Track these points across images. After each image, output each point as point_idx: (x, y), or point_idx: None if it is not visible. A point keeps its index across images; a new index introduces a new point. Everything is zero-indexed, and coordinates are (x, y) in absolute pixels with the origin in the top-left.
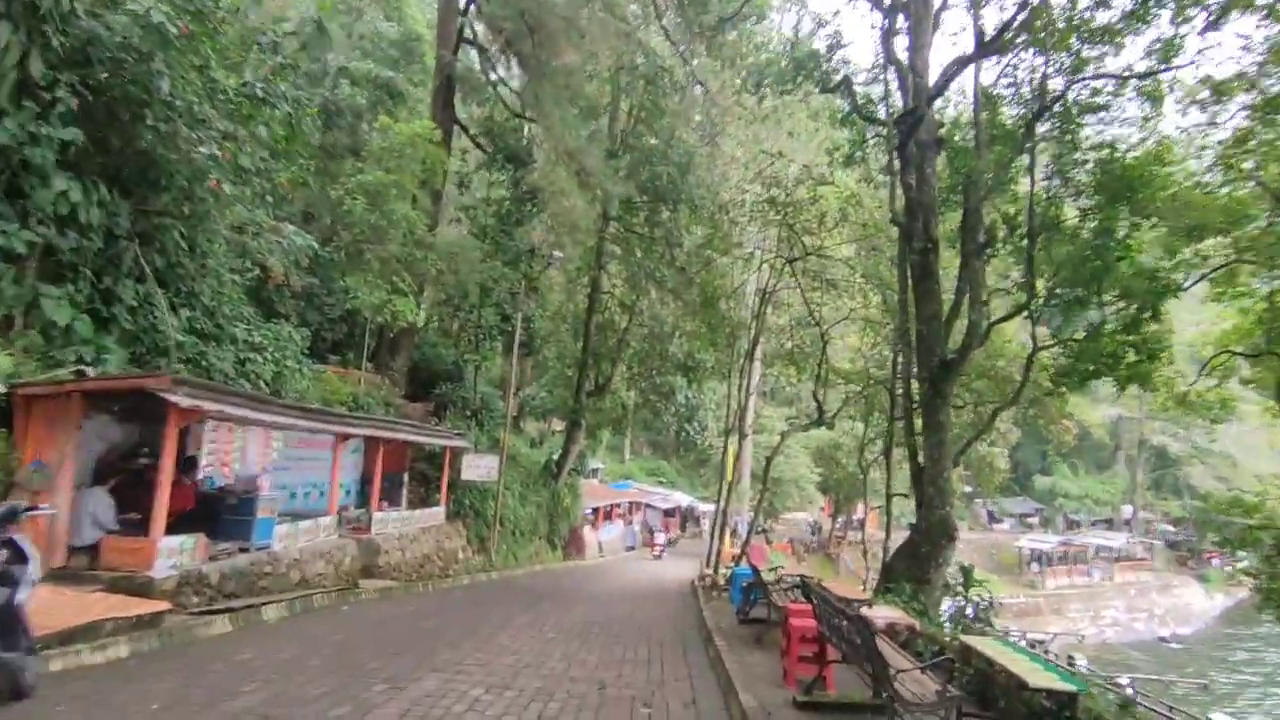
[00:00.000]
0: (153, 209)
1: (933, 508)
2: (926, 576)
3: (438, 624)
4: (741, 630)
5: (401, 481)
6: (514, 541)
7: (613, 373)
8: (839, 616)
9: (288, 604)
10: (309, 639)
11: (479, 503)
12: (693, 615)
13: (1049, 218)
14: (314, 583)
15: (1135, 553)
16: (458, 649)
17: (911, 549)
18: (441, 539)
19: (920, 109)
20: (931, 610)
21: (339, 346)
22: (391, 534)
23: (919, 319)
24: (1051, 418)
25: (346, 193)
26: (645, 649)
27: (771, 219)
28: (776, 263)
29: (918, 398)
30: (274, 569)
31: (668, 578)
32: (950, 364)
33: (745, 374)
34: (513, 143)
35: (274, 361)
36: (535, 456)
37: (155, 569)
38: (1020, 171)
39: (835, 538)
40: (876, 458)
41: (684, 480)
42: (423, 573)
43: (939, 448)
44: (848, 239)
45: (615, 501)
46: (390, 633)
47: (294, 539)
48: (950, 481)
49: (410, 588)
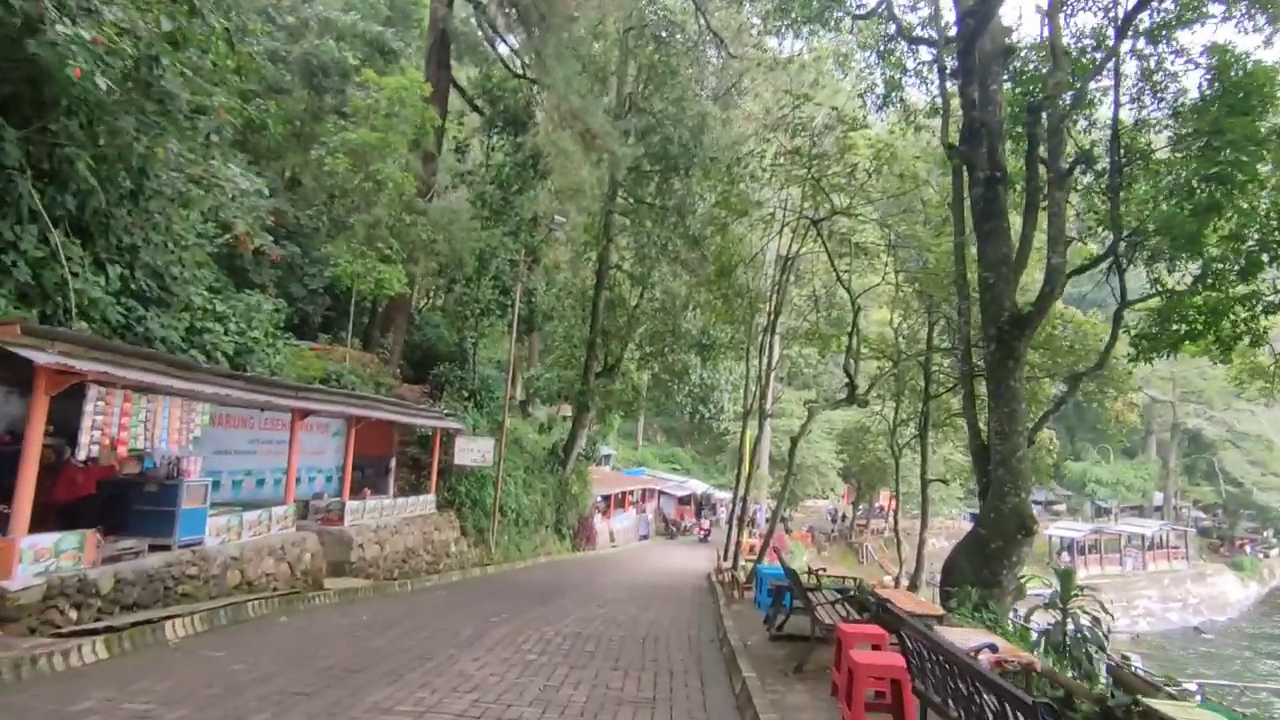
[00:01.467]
0: (58, 141)
1: (1003, 495)
2: (996, 579)
3: (390, 641)
4: (774, 650)
5: (388, 467)
6: (517, 532)
7: (623, 352)
8: (946, 664)
9: (206, 616)
10: (196, 672)
11: (477, 490)
12: (711, 622)
13: (1135, 148)
14: (260, 585)
15: (1168, 540)
16: (398, 682)
17: (977, 545)
18: (430, 530)
19: (987, 4)
20: (1001, 618)
21: (330, 324)
22: (368, 525)
23: (983, 265)
24: (1118, 386)
25: (329, 152)
26: (651, 679)
27: (795, 175)
28: (800, 225)
29: (982, 362)
30: (202, 571)
31: (682, 569)
32: (1024, 319)
33: (765, 350)
34: (512, 104)
35: (238, 334)
36: (542, 442)
37: (14, 577)
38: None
39: (858, 526)
40: (909, 441)
41: (699, 467)
42: (406, 569)
43: (1010, 420)
44: (881, 195)
45: (627, 489)
46: (318, 656)
47: (234, 533)
48: (1026, 462)
49: (384, 588)
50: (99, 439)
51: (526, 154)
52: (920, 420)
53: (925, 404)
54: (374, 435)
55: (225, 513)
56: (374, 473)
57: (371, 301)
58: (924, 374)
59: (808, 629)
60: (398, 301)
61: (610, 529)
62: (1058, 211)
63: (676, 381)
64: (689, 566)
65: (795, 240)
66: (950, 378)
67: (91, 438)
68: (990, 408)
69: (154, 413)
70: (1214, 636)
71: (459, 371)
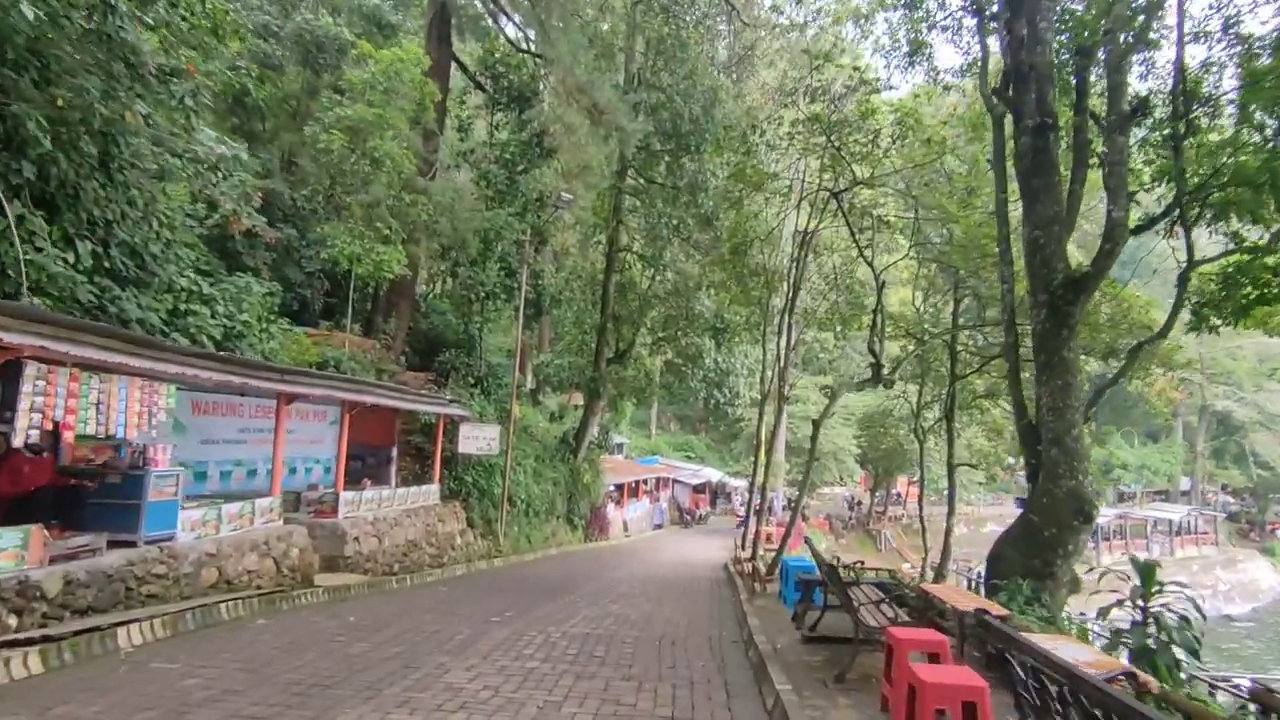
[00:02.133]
0: (6, 100)
1: (1057, 477)
2: (1050, 569)
3: (374, 646)
4: (809, 655)
5: (390, 457)
6: (527, 522)
7: (635, 338)
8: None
9: (170, 620)
10: (138, 689)
11: (485, 480)
12: (733, 619)
13: (1201, 94)
14: (241, 584)
15: (1196, 526)
16: (374, 700)
17: (1027, 533)
18: (434, 522)
19: None
20: (1055, 613)
21: (332, 311)
22: (365, 518)
23: (1031, 224)
24: (1166, 360)
25: (324, 129)
26: (669, 691)
27: (814, 144)
28: (819, 198)
29: (1031, 330)
30: (171, 569)
31: (697, 559)
32: (1080, 282)
33: (782, 330)
34: (516, 81)
35: (227, 318)
36: (553, 430)
37: None
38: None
39: (875, 513)
40: (933, 425)
41: (713, 455)
42: (407, 563)
43: (1064, 394)
44: (904, 165)
45: (641, 477)
46: (288, 667)
47: (211, 527)
48: (1081, 440)
49: (380, 585)
50: (39, 423)
51: (532, 131)
52: (946, 402)
53: (952, 385)
54: (375, 424)
55: (203, 505)
56: (375, 462)
57: (374, 287)
58: (950, 353)
59: (844, 629)
60: (400, 285)
61: (624, 518)
62: (1119, 160)
63: (690, 366)
64: (704, 556)
65: (814, 215)
66: (978, 356)
67: (30, 421)
68: (1040, 382)
69: (109, 394)
70: (1253, 624)
71: (465, 358)
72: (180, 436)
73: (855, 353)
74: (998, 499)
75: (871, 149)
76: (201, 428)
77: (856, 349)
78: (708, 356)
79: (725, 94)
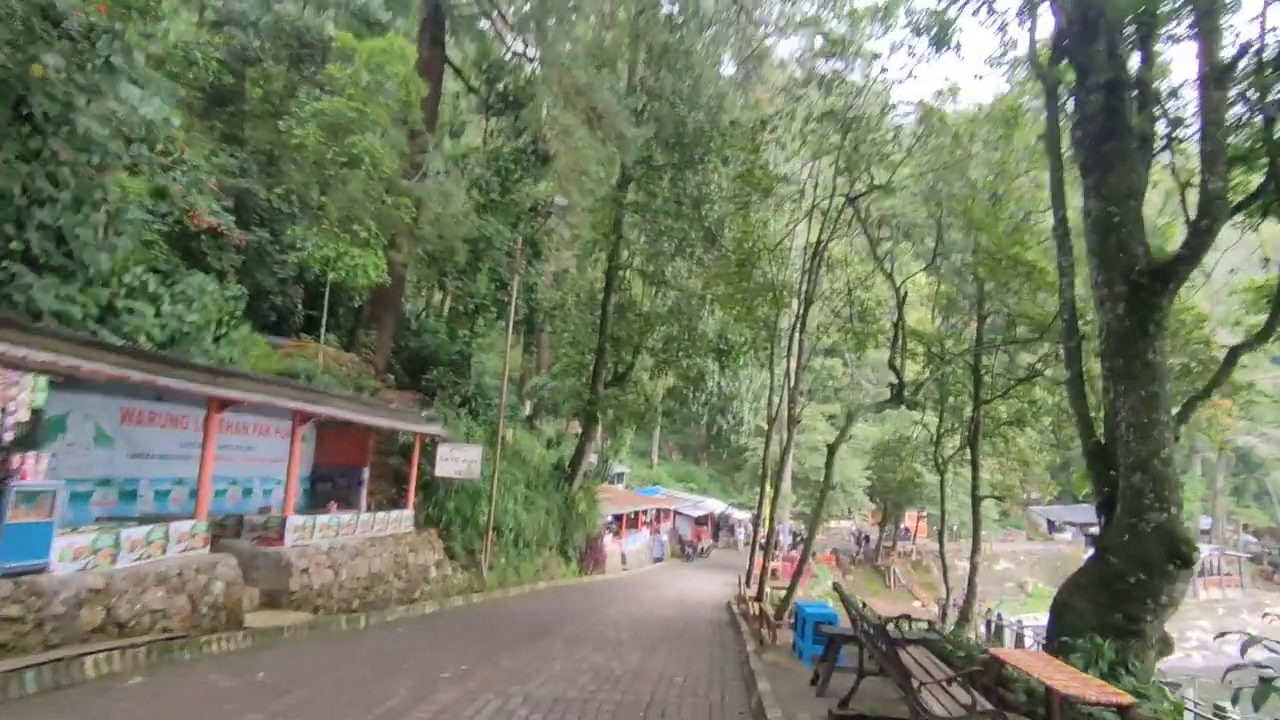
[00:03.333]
0: None
1: (1141, 510)
2: (1137, 626)
3: (268, 718)
4: None
5: (361, 479)
6: (515, 554)
7: (634, 360)
8: None
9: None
10: None
11: (468, 507)
12: (737, 678)
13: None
14: (138, 628)
15: (1220, 567)
16: None
17: (1104, 580)
18: (404, 552)
19: None
20: (1145, 684)
21: (314, 324)
22: (318, 546)
23: (1102, 197)
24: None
25: (298, 123)
26: None
27: (830, 143)
28: (834, 205)
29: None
30: (30, 610)
31: (698, 597)
32: (1167, 269)
33: (793, 350)
34: (511, 85)
35: (175, 318)
36: (548, 457)
37: None
38: None
39: (884, 548)
40: (953, 454)
41: (716, 486)
42: (370, 599)
43: (1150, 407)
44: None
45: (641, 508)
46: None
47: (103, 556)
48: (1173, 464)
49: (325, 626)
50: None
51: (527, 137)
52: (970, 429)
53: (976, 410)
54: (346, 442)
55: (95, 530)
56: (345, 484)
57: (358, 298)
58: (974, 374)
59: (886, 702)
60: (383, 295)
61: (622, 551)
62: (1215, 119)
63: (693, 389)
64: (706, 592)
65: (827, 224)
66: (1003, 378)
67: None
68: (1119, 392)
69: None
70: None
71: (455, 377)
72: (106, 448)
73: (864, 380)
74: (1009, 535)
75: (892, 149)
76: (132, 439)
77: (867, 376)
78: (711, 379)
79: (730, 103)
